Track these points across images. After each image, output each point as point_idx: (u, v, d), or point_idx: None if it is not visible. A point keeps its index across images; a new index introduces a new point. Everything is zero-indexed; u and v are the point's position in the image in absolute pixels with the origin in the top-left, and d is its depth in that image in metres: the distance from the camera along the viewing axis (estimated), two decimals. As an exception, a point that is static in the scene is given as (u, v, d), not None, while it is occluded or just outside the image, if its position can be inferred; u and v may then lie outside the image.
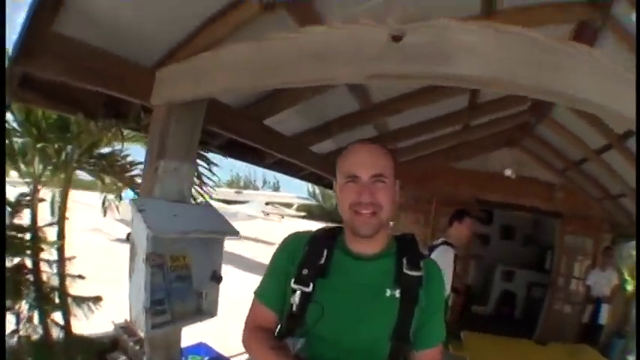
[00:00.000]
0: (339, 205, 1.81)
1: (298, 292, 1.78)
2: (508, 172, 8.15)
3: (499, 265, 10.80)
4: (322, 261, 1.81)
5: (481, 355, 4.75)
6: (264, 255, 17.95)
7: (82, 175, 4.59)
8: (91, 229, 16.46)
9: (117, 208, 5.30)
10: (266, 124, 4.24)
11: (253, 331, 1.93)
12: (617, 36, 3.37)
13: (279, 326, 1.93)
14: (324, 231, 1.95)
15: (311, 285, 1.77)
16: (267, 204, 38.01)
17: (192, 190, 3.71)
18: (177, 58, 2.79)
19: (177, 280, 2.71)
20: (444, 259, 4.19)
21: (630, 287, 8.99)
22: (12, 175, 4.09)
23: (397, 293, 1.75)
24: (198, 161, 3.91)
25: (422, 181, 8.43)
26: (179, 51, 2.83)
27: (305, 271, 1.79)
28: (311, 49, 2.06)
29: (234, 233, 2.77)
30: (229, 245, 2.69)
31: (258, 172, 68.84)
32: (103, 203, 4.81)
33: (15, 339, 3.91)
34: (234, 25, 2.63)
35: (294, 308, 1.79)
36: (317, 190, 54.51)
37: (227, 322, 3.80)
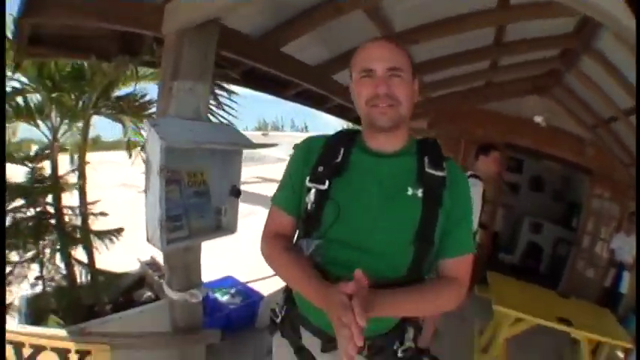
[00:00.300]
0: (356, 103, 1.74)
1: (313, 191, 1.73)
2: (538, 119, 7.93)
3: (527, 217, 10.66)
4: (339, 159, 1.75)
5: (506, 297, 4.66)
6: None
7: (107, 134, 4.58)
8: (120, 185, 16.55)
9: (142, 160, 5.29)
10: (286, 52, 4.17)
11: (270, 238, 1.89)
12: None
13: (297, 230, 1.89)
14: (341, 133, 1.87)
15: (326, 182, 1.71)
16: (294, 147, 37.65)
17: (214, 119, 3.66)
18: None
19: (195, 196, 2.69)
20: (472, 192, 4.10)
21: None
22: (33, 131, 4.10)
23: (419, 192, 1.68)
24: (218, 92, 3.84)
25: (451, 120, 8.33)
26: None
27: (320, 169, 1.74)
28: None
29: (251, 145, 2.70)
30: (256, 187, 2.62)
31: (286, 117, 69.13)
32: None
33: (39, 284, 3.94)
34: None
35: (309, 207, 1.74)
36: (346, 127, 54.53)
37: (258, 262, 3.78)
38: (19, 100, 3.88)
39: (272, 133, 38.46)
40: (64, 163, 4.24)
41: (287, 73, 4.41)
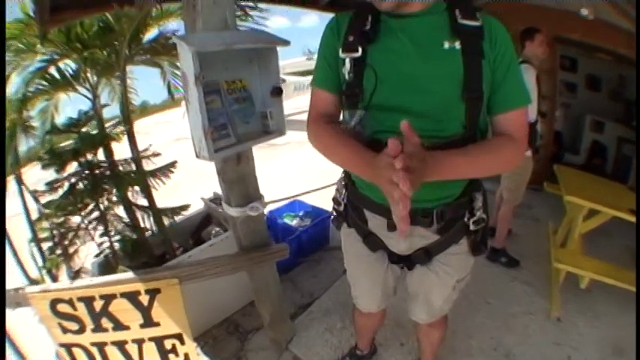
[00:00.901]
0: None
1: (348, 60, 1.71)
2: (585, 12, 7.44)
3: (588, 115, 10.39)
4: (368, 26, 1.70)
5: (577, 189, 4.52)
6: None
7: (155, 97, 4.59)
8: (174, 140, 16.83)
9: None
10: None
11: (314, 121, 1.89)
12: None
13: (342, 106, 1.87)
14: (367, 2, 1.78)
15: (360, 49, 1.68)
16: None
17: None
18: None
19: (237, 103, 2.66)
20: (525, 78, 4.00)
21: None
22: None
23: (457, 45, 1.62)
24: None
25: (500, 16, 8.00)
26: None
27: (351, 38, 1.71)
28: None
29: (285, 42, 2.61)
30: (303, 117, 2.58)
31: None
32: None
33: (107, 242, 3.99)
34: None
35: (347, 78, 1.72)
36: None
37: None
38: (53, 71, 3.93)
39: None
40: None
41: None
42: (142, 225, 4.16)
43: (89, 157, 3.79)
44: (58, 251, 3.96)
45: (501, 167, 1.75)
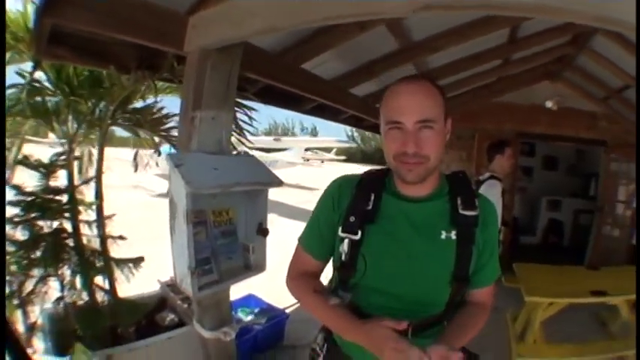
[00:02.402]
0: (385, 152, 1.67)
1: (347, 241, 1.70)
2: (549, 104, 8.07)
3: (544, 196, 10.89)
4: (370, 206, 1.70)
5: (535, 284, 4.70)
6: (307, 201, 17.99)
7: (117, 130, 4.52)
8: (132, 186, 16.60)
9: (156, 163, 5.23)
10: (304, 67, 4.09)
11: (296, 277, 1.92)
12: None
13: (332, 276, 1.87)
14: (371, 174, 1.83)
15: (359, 232, 1.68)
16: (306, 150, 38.50)
17: (232, 139, 3.60)
18: (212, 3, 2.61)
19: (222, 237, 2.64)
20: (492, 193, 4.21)
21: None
22: (50, 136, 4.02)
23: (453, 235, 1.66)
24: (236, 109, 3.77)
25: (464, 118, 8.28)
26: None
27: (352, 218, 1.70)
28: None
29: (278, 183, 2.63)
30: (271, 193, 2.59)
31: (295, 119, 70.08)
32: (135, 157, 4.71)
33: (61, 305, 3.90)
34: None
35: (343, 258, 1.71)
36: (356, 132, 55.81)
37: (274, 273, 3.72)
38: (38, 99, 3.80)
39: (284, 138, 39.39)
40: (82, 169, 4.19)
41: (305, 90, 4.35)
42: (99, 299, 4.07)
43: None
44: (15, 301, 3.86)
45: (478, 330, 1.84)
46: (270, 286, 5.05)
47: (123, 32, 2.55)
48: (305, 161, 37.16)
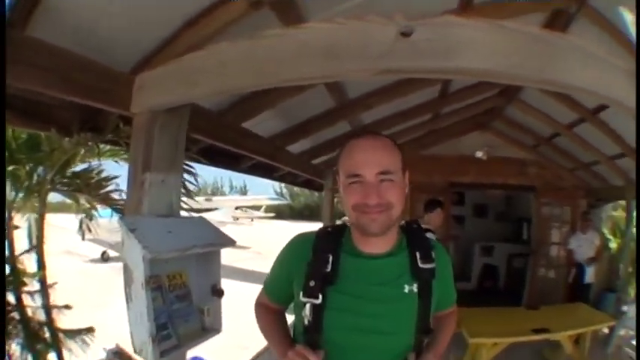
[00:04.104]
0: (344, 206, 1.73)
1: (309, 305, 1.72)
2: (479, 154, 8.45)
3: (477, 243, 11.22)
4: (329, 268, 1.72)
5: (477, 326, 4.85)
6: (240, 260, 17.92)
7: (51, 196, 4.38)
8: (64, 252, 16.04)
9: (88, 227, 5.08)
10: (244, 126, 4.15)
11: (262, 306, 2.07)
12: (590, 19, 3.59)
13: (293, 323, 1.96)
14: (326, 233, 1.86)
15: (320, 296, 1.70)
16: (236, 208, 39.24)
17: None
18: (158, 62, 2.61)
19: (177, 301, 2.61)
20: None
21: (614, 245, 9.69)
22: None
23: (415, 288, 1.72)
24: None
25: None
26: (159, 54, 2.70)
27: (312, 283, 1.72)
28: (316, 45, 1.94)
29: (231, 242, 2.67)
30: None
31: (225, 178, 69.84)
32: (80, 225, 4.59)
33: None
34: (218, 25, 2.54)
35: (306, 322, 1.74)
36: (284, 189, 55.96)
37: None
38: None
39: (215, 198, 40.02)
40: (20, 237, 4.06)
41: (245, 149, 4.40)
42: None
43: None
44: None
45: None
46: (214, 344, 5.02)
47: (65, 92, 2.47)
48: (235, 220, 37.13)
